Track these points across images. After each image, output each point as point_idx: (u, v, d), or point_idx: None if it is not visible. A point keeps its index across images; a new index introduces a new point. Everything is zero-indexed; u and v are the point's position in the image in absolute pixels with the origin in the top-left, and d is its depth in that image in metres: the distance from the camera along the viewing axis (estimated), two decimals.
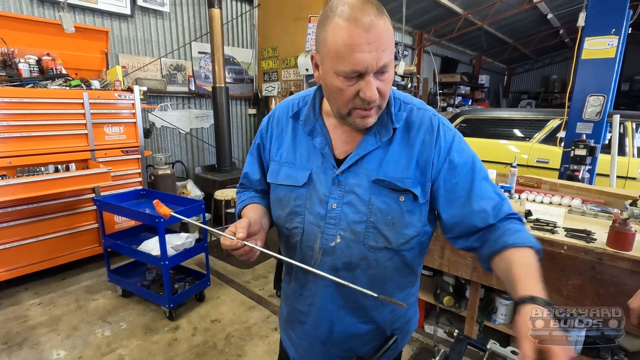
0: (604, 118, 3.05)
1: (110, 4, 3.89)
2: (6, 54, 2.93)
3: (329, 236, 0.82)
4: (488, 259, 0.80)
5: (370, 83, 0.68)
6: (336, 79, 0.69)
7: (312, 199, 0.83)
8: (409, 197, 0.79)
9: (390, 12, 8.33)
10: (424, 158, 0.80)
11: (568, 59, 13.08)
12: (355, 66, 0.66)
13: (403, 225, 0.80)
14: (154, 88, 4.32)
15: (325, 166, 0.83)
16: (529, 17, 9.20)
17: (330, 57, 0.68)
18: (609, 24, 2.91)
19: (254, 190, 1.02)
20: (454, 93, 10.70)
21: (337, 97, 0.73)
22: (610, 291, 1.53)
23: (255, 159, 0.98)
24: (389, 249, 0.82)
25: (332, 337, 0.92)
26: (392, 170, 0.79)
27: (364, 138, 0.80)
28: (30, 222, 2.89)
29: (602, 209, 2.06)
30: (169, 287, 2.46)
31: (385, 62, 0.68)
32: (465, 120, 4.68)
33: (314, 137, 0.85)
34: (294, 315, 0.97)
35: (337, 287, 0.85)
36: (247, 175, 1.01)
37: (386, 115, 0.80)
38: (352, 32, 0.64)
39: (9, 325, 2.50)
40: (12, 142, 2.73)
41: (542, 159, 3.77)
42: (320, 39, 0.71)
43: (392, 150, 0.80)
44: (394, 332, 0.93)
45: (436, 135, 0.81)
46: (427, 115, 0.83)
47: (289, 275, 0.97)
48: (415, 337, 2.38)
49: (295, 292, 0.94)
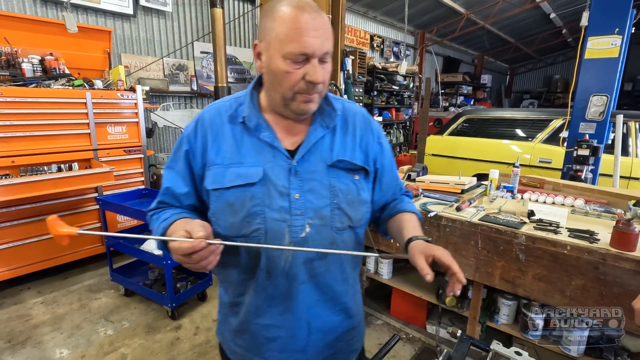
0: (607, 118, 3.04)
1: (113, 3, 3.90)
2: (10, 54, 2.94)
3: (297, 227, 0.80)
4: (385, 221, 1.00)
5: (316, 66, 0.74)
6: (283, 62, 0.73)
7: (271, 194, 0.80)
8: (361, 176, 0.88)
9: (392, 11, 8.36)
10: (365, 142, 0.91)
11: (571, 59, 13.05)
12: (304, 48, 0.72)
13: (360, 203, 0.87)
14: (156, 88, 4.33)
15: (277, 159, 0.82)
16: (531, 16, 9.19)
17: (279, 41, 0.73)
18: (613, 24, 2.90)
19: (177, 207, 0.89)
20: (456, 93, 10.69)
21: (282, 80, 0.75)
22: (614, 292, 1.53)
23: (181, 170, 0.86)
24: (351, 228, 0.87)
25: (310, 342, 0.88)
26: (343, 153, 0.86)
27: (312, 127, 0.85)
28: (33, 221, 2.89)
29: (605, 209, 2.05)
30: (171, 286, 2.47)
31: (328, 49, 0.75)
32: (467, 120, 4.67)
33: (260, 131, 0.83)
34: (260, 337, 0.88)
35: (311, 279, 0.84)
36: (169, 191, 0.87)
37: (327, 105, 0.87)
38: (301, 17, 0.71)
39: (12, 323, 2.51)
40: (16, 141, 2.74)
41: (545, 159, 3.76)
42: (267, 27, 0.75)
43: (337, 137, 0.88)
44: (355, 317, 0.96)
45: (369, 123, 0.94)
46: (356, 106, 0.96)
47: (243, 295, 0.87)
48: (417, 337, 2.38)
49: (260, 308, 0.86)
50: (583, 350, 1.76)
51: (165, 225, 0.81)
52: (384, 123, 7.58)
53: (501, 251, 1.83)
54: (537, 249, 1.72)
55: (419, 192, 2.37)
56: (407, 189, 1.09)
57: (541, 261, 1.71)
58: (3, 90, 2.61)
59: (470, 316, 2.11)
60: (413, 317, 2.51)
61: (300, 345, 0.88)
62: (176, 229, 0.75)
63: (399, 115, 8.10)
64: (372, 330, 2.48)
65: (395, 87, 7.70)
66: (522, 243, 1.76)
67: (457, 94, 10.69)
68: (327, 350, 0.92)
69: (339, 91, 3.78)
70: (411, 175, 2.77)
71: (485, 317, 2.09)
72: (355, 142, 0.89)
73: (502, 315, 2.05)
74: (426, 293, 2.35)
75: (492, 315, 2.10)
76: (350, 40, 7.30)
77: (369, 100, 7.01)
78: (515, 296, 1.98)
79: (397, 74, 7.47)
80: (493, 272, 1.89)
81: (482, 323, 2.09)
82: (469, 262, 1.97)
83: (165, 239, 0.71)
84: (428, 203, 2.22)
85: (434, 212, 2.04)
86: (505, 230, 1.81)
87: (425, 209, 2.11)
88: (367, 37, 7.83)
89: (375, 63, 7.03)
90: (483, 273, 1.93)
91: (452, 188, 2.42)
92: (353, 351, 0.99)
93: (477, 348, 0.91)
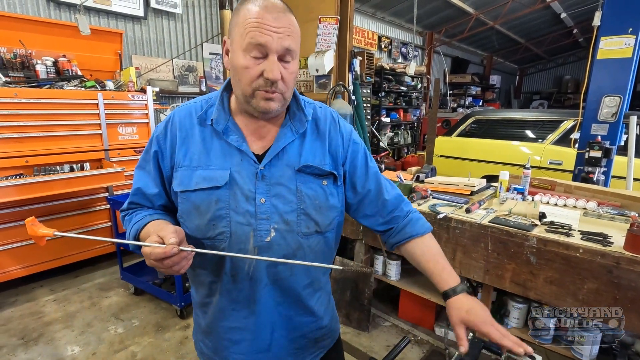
0: (620, 119, 2.99)
1: (124, 6, 3.96)
2: (24, 56, 3.01)
3: (262, 232, 0.80)
4: (397, 248, 0.98)
5: (273, 63, 0.73)
6: (243, 57, 0.73)
7: (237, 198, 0.79)
8: (330, 181, 0.88)
9: (401, 12, 8.34)
10: (334, 147, 0.90)
11: (582, 59, 12.88)
12: (259, 39, 0.71)
13: (327, 208, 0.86)
14: (166, 89, 4.38)
15: (245, 163, 0.81)
16: (541, 16, 9.08)
17: (240, 35, 0.73)
18: (626, 24, 2.85)
19: (149, 208, 0.89)
20: (465, 94, 10.62)
21: (242, 76, 0.75)
22: (628, 296, 1.50)
23: (151, 170, 0.86)
24: (318, 233, 0.86)
25: (274, 339, 0.89)
26: (311, 158, 0.85)
27: (281, 131, 0.85)
28: (46, 220, 2.94)
29: (618, 212, 2.02)
30: (180, 285, 2.49)
31: (289, 46, 0.74)
32: (476, 121, 4.64)
33: (228, 135, 0.82)
34: (224, 339, 0.89)
35: (275, 283, 0.85)
36: (139, 192, 0.88)
37: (298, 110, 0.87)
38: (262, 13, 0.72)
39: (26, 320, 2.56)
40: (30, 141, 2.79)
41: (556, 161, 3.71)
42: (233, 23, 0.76)
43: (307, 142, 0.87)
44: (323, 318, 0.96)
45: (338, 126, 0.93)
46: (327, 110, 0.94)
47: (210, 296, 0.88)
48: (425, 340, 2.37)
49: (225, 310, 0.87)
50: (595, 355, 1.73)
51: (138, 227, 0.82)
52: (391, 124, 7.56)
53: (512, 254, 1.82)
54: (548, 251, 1.69)
55: (427, 193, 2.36)
56: (417, 190, 1.08)
57: (553, 264, 1.69)
58: (18, 92, 2.67)
59: None
60: (421, 319, 2.49)
61: (264, 345, 0.89)
62: (149, 233, 0.76)
63: (406, 116, 8.07)
64: (380, 332, 2.47)
65: (403, 88, 7.67)
66: (533, 246, 1.74)
67: (465, 94, 10.61)
68: (291, 345, 0.92)
69: (347, 92, 3.78)
70: (420, 177, 2.76)
71: (495, 320, 2.07)
72: (324, 147, 0.88)
73: (513, 319, 2.02)
74: (435, 295, 2.33)
75: (502, 318, 2.08)
76: (358, 41, 7.30)
77: (377, 101, 6.99)
78: (526, 299, 1.95)
79: (405, 75, 7.44)
80: (503, 274, 1.87)
81: None
82: (479, 265, 1.95)
83: (139, 244, 0.72)
84: (437, 204, 2.21)
85: (444, 213, 2.03)
86: (516, 232, 1.79)
87: (434, 211, 2.09)
88: (375, 37, 7.82)
89: (383, 64, 7.01)
90: (493, 276, 1.92)
91: (462, 190, 2.40)
92: (321, 348, 0.99)
93: (488, 351, 0.90)
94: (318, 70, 4.37)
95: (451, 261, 2.05)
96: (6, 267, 2.80)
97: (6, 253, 2.78)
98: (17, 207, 2.77)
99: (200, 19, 4.78)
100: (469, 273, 2.00)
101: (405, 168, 4.71)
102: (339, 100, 3.62)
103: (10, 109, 2.65)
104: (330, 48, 4.08)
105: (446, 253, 2.04)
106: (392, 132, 7.70)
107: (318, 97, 4.27)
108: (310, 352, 0.97)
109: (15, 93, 2.65)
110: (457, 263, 2.03)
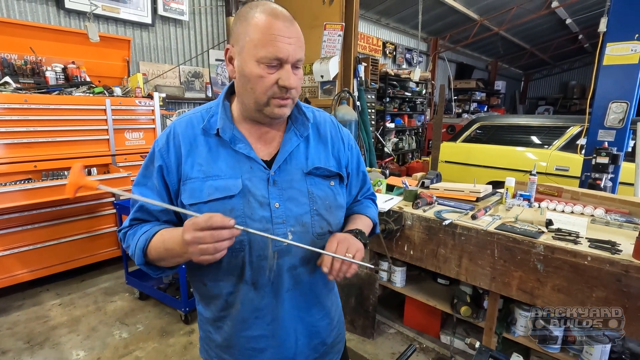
0: (627, 125, 2.96)
1: (132, 13, 4.02)
2: (34, 63, 3.06)
3: (280, 236, 0.79)
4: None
5: (289, 72, 0.75)
6: (257, 67, 0.74)
7: (251, 205, 0.79)
8: (336, 182, 0.91)
9: (405, 18, 8.37)
10: (336, 149, 0.94)
11: (588, 65, 12.82)
12: (278, 53, 0.73)
13: (337, 207, 0.90)
14: (172, 95, 4.43)
15: (255, 170, 0.82)
16: (546, 22, 9.08)
17: (253, 46, 0.73)
18: (632, 30, 2.84)
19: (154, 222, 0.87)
20: (469, 99, 10.61)
21: (256, 85, 0.75)
22: (638, 305, 1.48)
23: (156, 186, 0.84)
24: (330, 232, 0.88)
25: (298, 348, 0.89)
26: (318, 161, 0.88)
27: (287, 137, 0.87)
28: (53, 225, 2.97)
29: (627, 219, 2.00)
30: (185, 290, 2.50)
31: (300, 57, 0.77)
32: (481, 126, 4.62)
33: (236, 143, 0.82)
34: (248, 349, 0.88)
35: (296, 286, 0.86)
36: (143, 209, 0.85)
37: (299, 114, 0.89)
38: (276, 23, 0.73)
39: (31, 324, 2.57)
40: (38, 146, 2.83)
41: (562, 167, 3.68)
42: (241, 31, 0.76)
43: (311, 145, 0.90)
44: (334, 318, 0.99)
45: (338, 129, 0.98)
46: (326, 114, 0.99)
47: (227, 309, 0.86)
48: (430, 347, 2.34)
49: (247, 320, 0.85)
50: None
51: (147, 237, 0.80)
52: (396, 130, 7.56)
53: (518, 261, 1.80)
54: (556, 259, 1.68)
55: (433, 199, 2.35)
56: (422, 196, 1.10)
57: (560, 272, 1.67)
58: (28, 98, 2.71)
59: (486, 327, 2.07)
60: (427, 327, 2.47)
61: (290, 353, 0.89)
62: (163, 240, 0.78)
63: (411, 121, 8.07)
64: (385, 339, 2.45)
65: (408, 94, 7.68)
66: (540, 253, 1.72)
67: (470, 100, 10.60)
68: (313, 354, 0.94)
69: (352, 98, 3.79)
70: (425, 183, 2.75)
71: (502, 328, 2.05)
72: (327, 149, 0.92)
73: (519, 327, 2.00)
74: (440, 302, 2.31)
75: (509, 326, 2.05)
76: (363, 48, 7.34)
77: (381, 106, 7.01)
78: (533, 307, 1.93)
79: (410, 81, 7.46)
80: (510, 282, 1.85)
81: (499, 334, 2.05)
82: (485, 272, 1.94)
83: (184, 211, 0.74)
84: (443, 211, 2.20)
85: (449, 220, 2.02)
86: (522, 239, 1.78)
87: (440, 217, 2.08)
88: (379, 44, 7.86)
89: (388, 70, 7.04)
90: (500, 283, 1.90)
91: (467, 196, 2.39)
92: (337, 352, 1.02)
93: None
94: (323, 76, 4.39)
95: (457, 268, 2.04)
96: (13, 271, 2.82)
97: (13, 257, 2.80)
98: (25, 212, 2.80)
99: (206, 26, 4.85)
100: (475, 280, 1.99)
101: (410, 174, 4.70)
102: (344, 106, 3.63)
103: (21, 115, 2.69)
104: (335, 54, 4.11)
105: (452, 260, 2.04)
106: (397, 137, 7.70)
107: (323, 103, 4.29)
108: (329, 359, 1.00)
109: (26, 99, 2.70)
110: (463, 270, 2.02)
